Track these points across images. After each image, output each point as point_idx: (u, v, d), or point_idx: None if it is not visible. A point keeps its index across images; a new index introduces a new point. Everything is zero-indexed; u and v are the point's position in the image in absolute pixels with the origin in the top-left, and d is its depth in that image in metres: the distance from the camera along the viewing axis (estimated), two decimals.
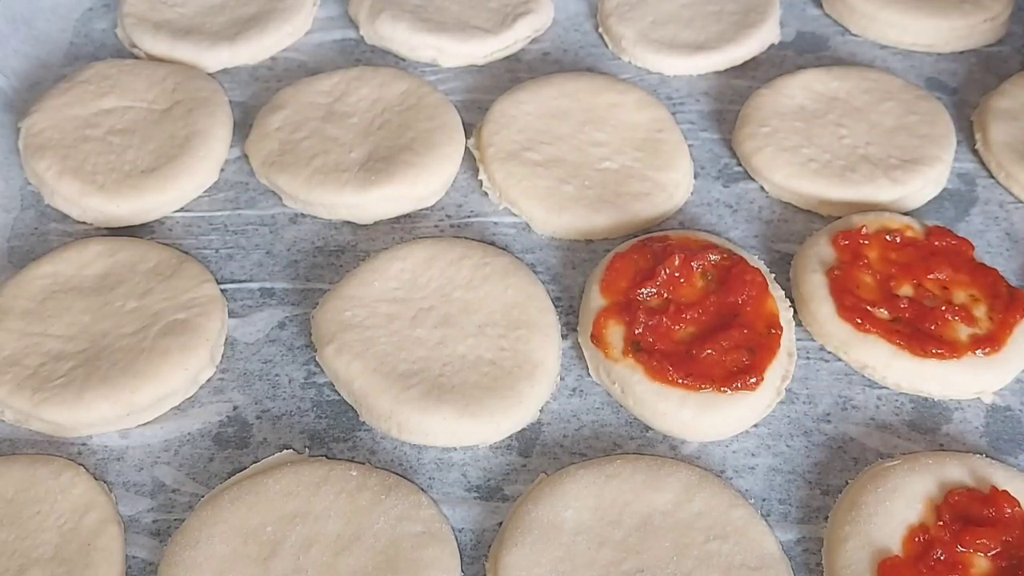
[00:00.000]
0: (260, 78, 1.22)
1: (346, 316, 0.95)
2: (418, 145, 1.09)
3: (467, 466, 0.90)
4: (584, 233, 1.06)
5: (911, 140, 1.11)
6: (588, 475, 0.85)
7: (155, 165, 1.07)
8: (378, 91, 1.15)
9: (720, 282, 0.96)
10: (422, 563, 0.80)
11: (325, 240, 1.06)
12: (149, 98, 1.14)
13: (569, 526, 0.82)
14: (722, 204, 1.10)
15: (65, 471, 0.86)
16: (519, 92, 1.15)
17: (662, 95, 1.20)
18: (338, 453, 0.90)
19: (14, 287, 0.97)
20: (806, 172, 1.08)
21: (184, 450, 0.90)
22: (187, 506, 0.87)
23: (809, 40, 1.27)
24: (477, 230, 1.07)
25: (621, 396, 0.93)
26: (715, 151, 1.15)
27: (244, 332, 0.99)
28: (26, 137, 1.10)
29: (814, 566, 0.84)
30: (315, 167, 1.07)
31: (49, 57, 1.24)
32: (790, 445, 0.91)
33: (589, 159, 1.10)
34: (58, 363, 0.92)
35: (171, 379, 0.92)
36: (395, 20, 1.23)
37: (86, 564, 0.81)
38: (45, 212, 1.08)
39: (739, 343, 0.92)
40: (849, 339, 0.95)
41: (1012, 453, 0.90)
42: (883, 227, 1.01)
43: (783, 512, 0.87)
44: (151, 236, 1.06)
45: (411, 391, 0.90)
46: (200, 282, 0.98)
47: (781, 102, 1.15)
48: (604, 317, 0.94)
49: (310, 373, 0.96)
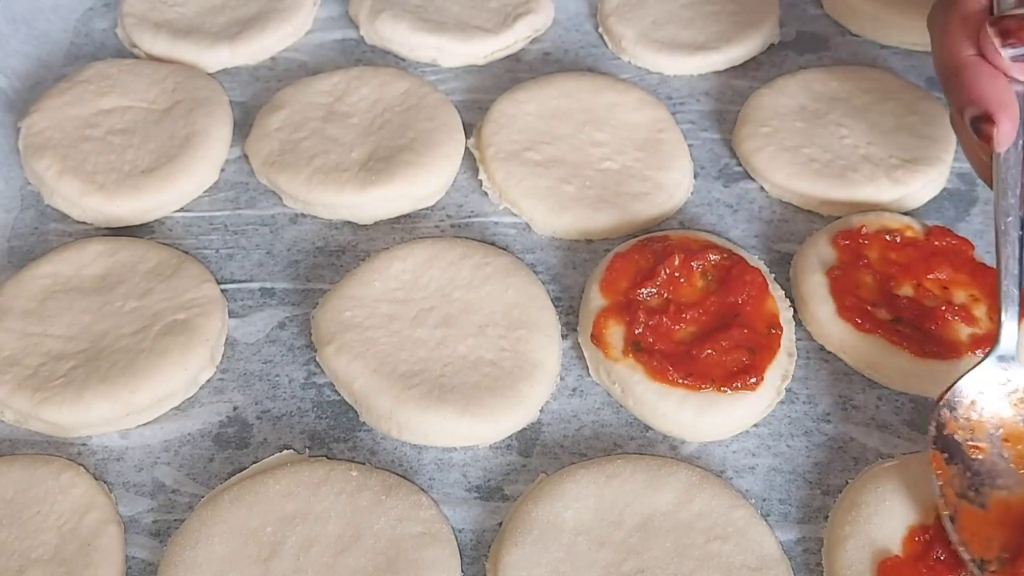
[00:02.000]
0: (260, 78, 1.22)
1: (346, 316, 0.95)
2: (418, 145, 1.09)
3: (467, 466, 0.90)
4: (584, 233, 1.06)
5: (911, 140, 1.11)
6: (588, 475, 0.85)
7: (155, 165, 1.07)
8: (378, 91, 1.15)
9: (720, 282, 0.96)
10: (422, 563, 0.80)
11: (325, 240, 1.06)
12: (149, 98, 1.14)
13: (569, 526, 0.82)
14: (722, 204, 1.10)
15: (65, 471, 0.86)
16: (519, 92, 1.15)
17: (662, 95, 1.20)
18: (338, 453, 0.90)
19: (14, 287, 0.97)
20: (806, 172, 1.08)
21: (184, 450, 0.90)
22: (187, 506, 0.87)
23: (809, 40, 1.27)
24: (477, 230, 1.07)
25: (621, 396, 0.93)
26: (715, 151, 1.15)
27: (244, 332, 0.99)
28: (26, 137, 1.10)
29: (814, 566, 0.84)
30: (315, 167, 1.07)
31: (49, 57, 1.24)
32: (790, 445, 0.91)
33: (589, 159, 1.10)
34: (58, 363, 0.92)
35: (171, 379, 0.92)
36: (395, 20, 1.23)
37: (86, 564, 0.81)
38: (45, 212, 1.08)
39: (739, 343, 0.92)
40: (849, 339, 0.95)
41: None
42: (883, 227, 1.01)
43: (783, 512, 0.87)
44: (151, 236, 1.06)
45: (411, 391, 0.90)
46: (200, 282, 0.98)
47: (781, 102, 1.15)
48: (604, 317, 0.94)
49: (310, 373, 0.96)
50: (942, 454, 0.82)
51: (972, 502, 0.80)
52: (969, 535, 0.79)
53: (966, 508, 0.80)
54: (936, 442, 0.82)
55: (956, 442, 0.82)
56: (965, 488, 0.81)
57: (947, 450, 0.82)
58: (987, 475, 0.81)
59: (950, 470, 0.81)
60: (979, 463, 0.82)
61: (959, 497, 0.80)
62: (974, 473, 0.81)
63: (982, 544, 0.79)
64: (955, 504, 0.80)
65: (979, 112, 0.80)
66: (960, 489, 0.81)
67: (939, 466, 0.81)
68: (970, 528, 0.79)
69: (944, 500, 0.80)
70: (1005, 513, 0.80)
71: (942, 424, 0.83)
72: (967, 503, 0.80)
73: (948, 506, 0.80)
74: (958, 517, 0.80)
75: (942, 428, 0.83)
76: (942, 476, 0.81)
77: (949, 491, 0.81)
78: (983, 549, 0.79)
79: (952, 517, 0.80)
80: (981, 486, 0.81)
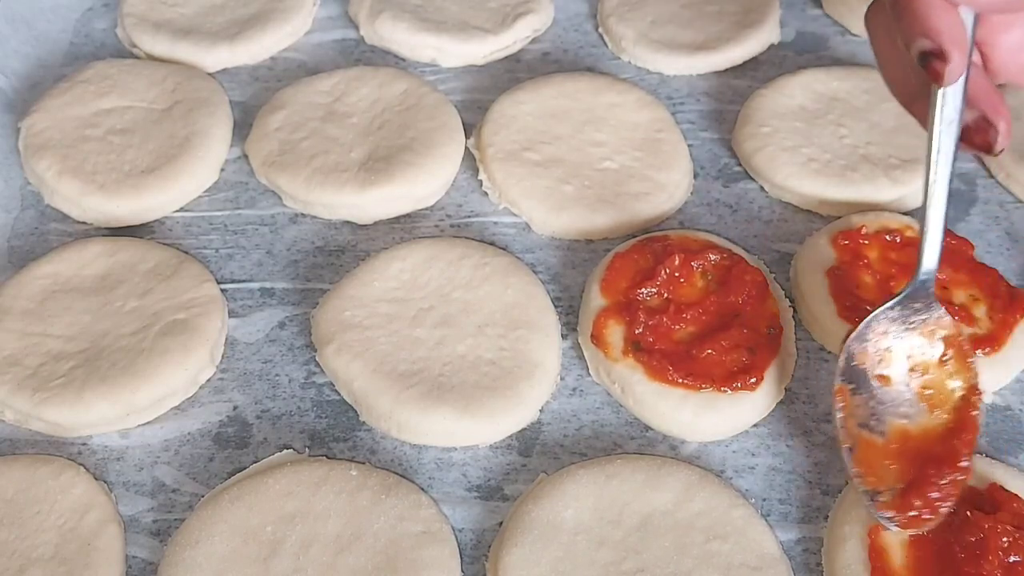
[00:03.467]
0: (260, 78, 1.22)
1: (346, 316, 0.95)
2: (418, 145, 1.09)
3: (467, 466, 0.90)
4: (584, 233, 1.06)
5: (911, 140, 1.11)
6: (588, 475, 0.85)
7: (155, 165, 1.07)
8: (378, 91, 1.15)
9: (720, 282, 0.96)
10: (422, 563, 0.80)
11: (325, 240, 1.06)
12: (149, 98, 1.14)
13: (569, 526, 0.83)
14: (722, 204, 1.10)
15: (65, 471, 0.86)
16: (519, 92, 1.15)
17: (662, 95, 1.20)
18: (338, 453, 0.90)
19: (14, 287, 0.97)
20: (806, 172, 1.08)
21: (184, 450, 0.90)
22: (187, 506, 0.87)
23: (809, 40, 1.27)
24: (477, 230, 1.07)
25: (621, 396, 0.93)
26: (715, 151, 1.15)
27: (244, 332, 0.99)
28: (26, 137, 1.10)
29: (814, 566, 0.84)
30: (315, 167, 1.07)
31: (49, 57, 1.24)
32: (790, 445, 0.91)
33: (589, 159, 1.10)
34: (58, 363, 0.92)
35: (171, 379, 0.92)
36: (395, 20, 1.23)
37: (86, 564, 0.81)
38: (45, 212, 1.08)
39: (739, 343, 0.92)
40: None
41: (1012, 453, 0.90)
42: (883, 227, 1.01)
43: (783, 512, 0.87)
44: (151, 236, 1.06)
45: (411, 391, 0.90)
46: (200, 282, 0.98)
47: (781, 102, 1.15)
48: (604, 317, 0.94)
49: (310, 373, 0.96)
50: (848, 385, 0.83)
51: (872, 431, 0.82)
52: (866, 467, 0.81)
53: (865, 439, 0.82)
54: (844, 374, 0.83)
55: (863, 371, 0.84)
56: (867, 418, 0.83)
57: (853, 380, 0.83)
58: (890, 404, 0.83)
59: (854, 400, 0.83)
60: (883, 392, 0.84)
61: (860, 427, 0.82)
62: (878, 402, 0.83)
63: (878, 475, 0.81)
64: (855, 435, 0.82)
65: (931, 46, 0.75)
66: (862, 419, 0.83)
67: (843, 398, 0.83)
68: (868, 460, 0.81)
69: (845, 431, 0.82)
70: (903, 444, 0.82)
71: (851, 355, 0.84)
72: (867, 433, 0.82)
73: (849, 438, 0.82)
74: (857, 448, 0.82)
75: (851, 359, 0.84)
76: (845, 408, 0.82)
77: (851, 422, 0.82)
78: (878, 480, 0.81)
79: (852, 448, 0.81)
80: (884, 415, 0.83)
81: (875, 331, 0.84)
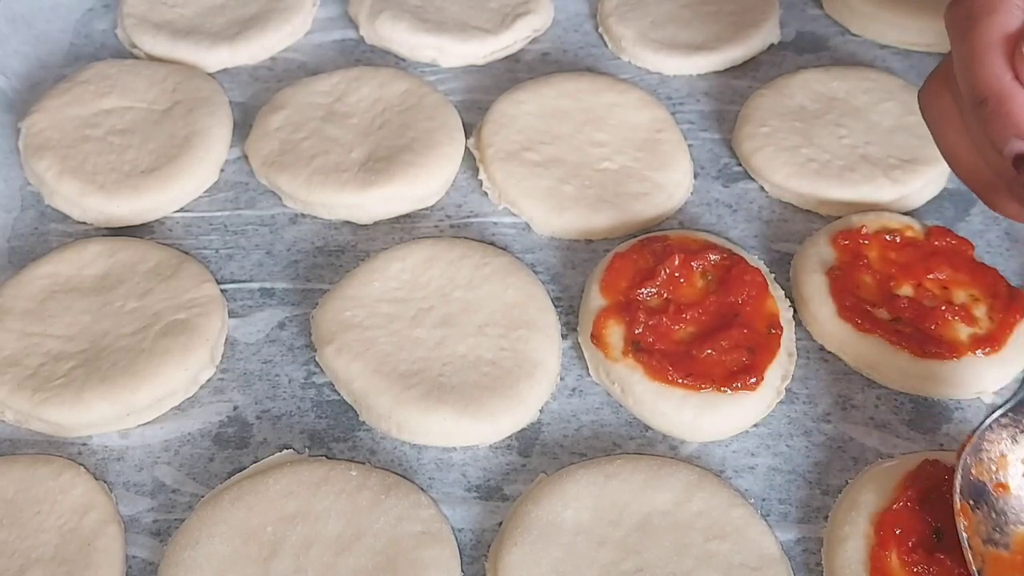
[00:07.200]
0: (260, 78, 1.22)
1: (346, 316, 0.95)
2: (418, 145, 1.09)
3: (467, 466, 0.90)
4: (584, 233, 1.06)
5: (911, 140, 1.11)
6: (588, 475, 0.85)
7: (155, 165, 1.08)
8: (378, 91, 1.15)
9: (720, 282, 0.96)
10: (422, 563, 0.80)
11: (325, 240, 1.06)
12: (149, 98, 1.14)
13: (569, 526, 0.83)
14: (722, 204, 1.10)
15: (65, 471, 0.86)
16: (519, 92, 1.15)
17: (662, 95, 1.20)
18: (338, 453, 0.90)
19: (14, 287, 0.97)
20: (806, 172, 1.08)
21: (184, 450, 0.90)
22: (187, 506, 0.87)
23: (809, 40, 1.27)
24: (477, 230, 1.07)
25: (621, 396, 0.93)
26: (715, 151, 1.15)
27: (244, 332, 0.99)
28: (26, 137, 1.10)
29: (814, 566, 0.84)
30: (315, 167, 1.07)
31: (49, 57, 1.24)
32: (790, 445, 0.91)
33: (589, 159, 1.10)
34: (58, 363, 0.92)
35: (171, 379, 0.92)
36: (395, 20, 1.23)
37: (86, 564, 0.81)
38: (45, 212, 1.08)
39: (739, 343, 0.92)
40: (849, 339, 0.95)
41: None
42: (883, 227, 1.01)
43: (783, 512, 0.87)
44: (151, 236, 1.06)
45: (411, 391, 0.90)
46: (200, 282, 0.98)
47: (781, 102, 1.15)
48: (604, 317, 0.94)
49: (310, 373, 0.96)
50: (968, 501, 0.79)
51: (997, 544, 0.79)
52: None
53: (992, 555, 0.78)
54: (963, 491, 0.79)
55: (982, 485, 0.80)
56: (990, 531, 0.79)
57: (973, 496, 0.80)
58: (1011, 512, 0.80)
59: (975, 516, 0.79)
60: (1003, 501, 0.80)
61: (985, 544, 0.78)
62: (998, 513, 0.80)
63: None
64: (982, 553, 0.78)
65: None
66: (986, 535, 0.79)
67: (966, 517, 0.79)
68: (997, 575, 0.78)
69: (972, 551, 0.78)
70: None
71: (967, 468, 0.80)
72: (993, 548, 0.79)
73: (977, 557, 0.78)
74: (985, 567, 0.78)
75: (968, 473, 0.80)
76: (968, 528, 0.78)
77: (976, 541, 0.78)
78: None
79: (980, 571, 0.77)
80: (1005, 525, 0.79)
81: (989, 440, 0.81)
